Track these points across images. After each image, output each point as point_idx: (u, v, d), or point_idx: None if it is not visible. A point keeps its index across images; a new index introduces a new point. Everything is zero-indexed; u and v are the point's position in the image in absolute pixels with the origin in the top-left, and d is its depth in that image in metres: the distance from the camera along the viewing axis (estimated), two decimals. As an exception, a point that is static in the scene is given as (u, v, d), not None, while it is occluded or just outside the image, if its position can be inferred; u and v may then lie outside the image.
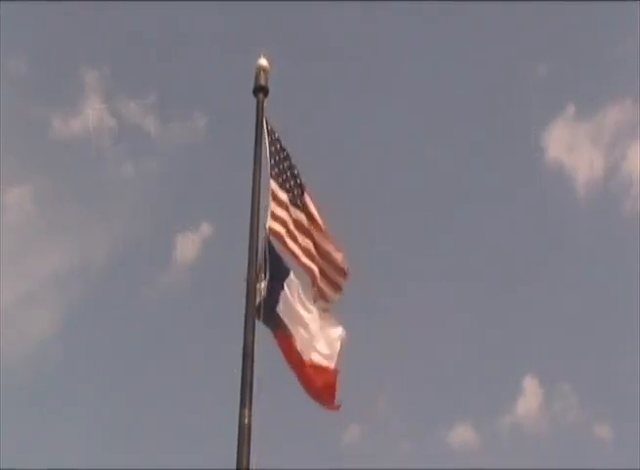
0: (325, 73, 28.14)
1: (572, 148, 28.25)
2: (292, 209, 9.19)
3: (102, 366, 24.42)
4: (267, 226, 8.82)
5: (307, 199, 9.37)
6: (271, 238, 8.85)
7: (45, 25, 28.04)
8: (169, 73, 28.16)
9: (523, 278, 26.62)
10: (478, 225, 27.75)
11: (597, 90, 28.61)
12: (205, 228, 26.51)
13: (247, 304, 8.33)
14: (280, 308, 8.77)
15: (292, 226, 9.11)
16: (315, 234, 9.31)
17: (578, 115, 28.14)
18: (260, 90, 9.41)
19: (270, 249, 8.80)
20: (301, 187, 9.36)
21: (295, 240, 9.09)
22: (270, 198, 9.00)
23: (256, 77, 9.44)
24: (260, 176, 8.97)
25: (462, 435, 25.08)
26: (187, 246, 26.58)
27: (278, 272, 8.85)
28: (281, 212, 9.03)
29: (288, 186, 9.24)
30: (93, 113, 26.18)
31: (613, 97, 28.22)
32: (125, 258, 26.22)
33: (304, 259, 9.12)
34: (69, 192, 26.80)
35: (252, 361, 8.04)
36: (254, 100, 9.41)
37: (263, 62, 9.48)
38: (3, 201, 25.69)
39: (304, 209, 9.33)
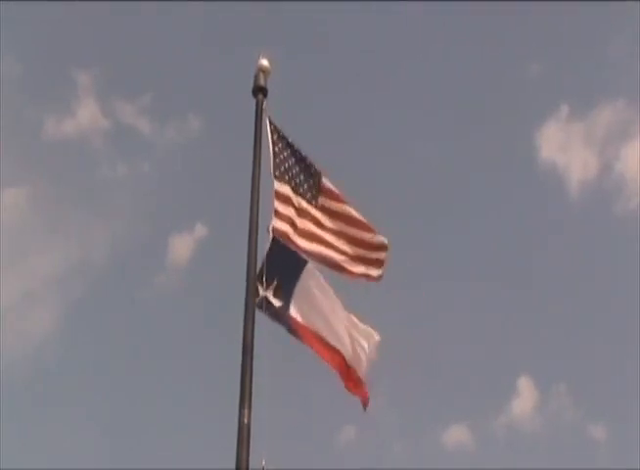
0: (323, 74, 28.21)
1: (566, 148, 28.32)
2: (301, 201, 9.20)
3: (101, 366, 24.50)
4: (271, 226, 8.81)
5: (326, 190, 9.39)
6: (277, 237, 8.86)
7: (38, 26, 28.08)
8: (163, 75, 28.19)
9: (516, 278, 26.67)
10: (471, 225, 27.81)
11: (590, 90, 28.70)
12: (200, 229, 26.57)
13: (246, 302, 8.30)
14: (296, 299, 8.87)
15: (299, 222, 9.11)
16: (336, 223, 9.34)
17: (572, 115, 28.22)
18: (260, 91, 9.36)
19: (277, 247, 8.81)
20: (316, 180, 9.36)
21: (304, 235, 9.10)
22: (273, 197, 8.97)
23: (256, 78, 9.40)
24: (260, 176, 8.95)
25: (457, 435, 25.12)
26: (181, 247, 26.63)
27: (291, 267, 8.91)
28: (285, 210, 9.01)
29: (294, 183, 9.23)
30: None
31: (606, 97, 28.31)
32: (120, 258, 26.26)
33: (319, 249, 9.16)
34: (64, 193, 26.87)
35: (252, 361, 8.03)
36: (250, 101, 9.36)
37: (264, 62, 9.41)
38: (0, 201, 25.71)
39: (321, 201, 9.35)
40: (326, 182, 9.42)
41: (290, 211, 9.04)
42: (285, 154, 9.26)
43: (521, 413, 25.51)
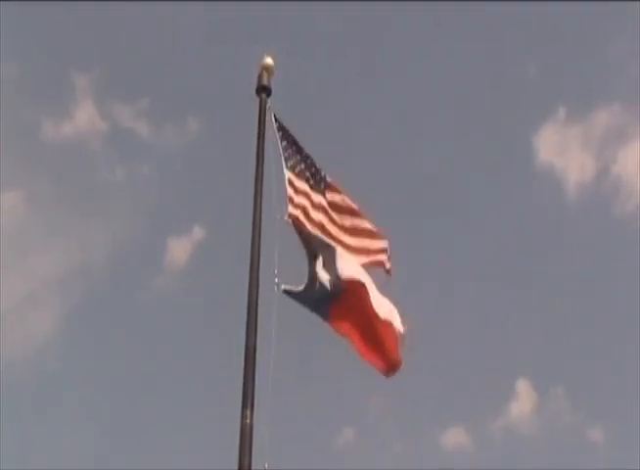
0: (324, 74, 28.21)
1: (563, 151, 28.34)
2: (313, 195, 9.30)
3: (101, 367, 24.50)
4: (288, 212, 8.92)
5: (333, 187, 9.50)
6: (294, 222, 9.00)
7: (37, 28, 28.05)
8: (161, 76, 28.17)
9: (514, 281, 26.67)
10: (468, 228, 27.79)
11: (588, 93, 28.72)
12: (198, 232, 26.62)
13: (249, 302, 8.24)
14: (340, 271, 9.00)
15: (314, 214, 9.23)
16: (342, 218, 9.47)
17: (569, 118, 28.23)
18: (263, 90, 9.33)
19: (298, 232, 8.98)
20: (322, 176, 9.45)
21: (316, 226, 9.23)
22: (287, 186, 9.06)
23: (259, 77, 9.37)
24: (262, 175, 8.91)
25: (455, 438, 25.11)
26: (179, 249, 26.67)
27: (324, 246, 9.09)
28: (299, 200, 9.11)
29: (305, 177, 9.31)
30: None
31: (603, 100, 28.33)
32: (120, 260, 26.26)
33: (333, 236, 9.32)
34: (63, 195, 26.85)
35: (255, 361, 7.99)
36: (249, 103, 9.34)
37: (268, 60, 9.38)
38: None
39: (330, 193, 9.46)
40: (330, 178, 9.51)
41: (303, 202, 9.15)
42: (292, 150, 9.30)
43: (519, 416, 25.54)
